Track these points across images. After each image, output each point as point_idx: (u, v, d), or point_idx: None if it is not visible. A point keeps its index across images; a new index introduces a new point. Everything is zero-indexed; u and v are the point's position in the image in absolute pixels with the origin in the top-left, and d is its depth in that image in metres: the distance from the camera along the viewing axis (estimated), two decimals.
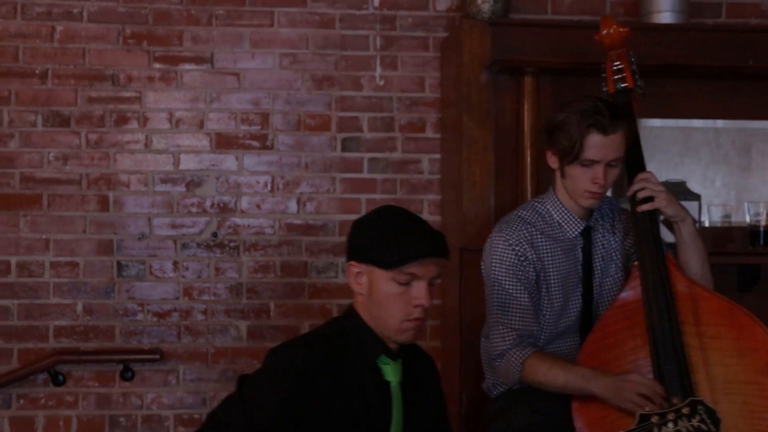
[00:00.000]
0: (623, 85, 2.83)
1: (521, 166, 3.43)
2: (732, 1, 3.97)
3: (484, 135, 3.49)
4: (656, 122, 3.73)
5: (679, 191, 3.41)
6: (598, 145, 2.59)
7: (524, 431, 2.70)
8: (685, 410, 2.12)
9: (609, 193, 2.94)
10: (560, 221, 2.73)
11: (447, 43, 3.84)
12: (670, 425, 2.09)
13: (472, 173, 3.50)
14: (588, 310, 2.75)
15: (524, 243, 2.67)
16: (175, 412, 3.83)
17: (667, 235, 2.80)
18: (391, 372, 2.24)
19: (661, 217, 2.70)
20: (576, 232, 2.73)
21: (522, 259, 2.66)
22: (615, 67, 2.86)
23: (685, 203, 2.79)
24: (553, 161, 2.70)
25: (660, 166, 3.59)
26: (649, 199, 2.65)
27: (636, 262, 2.66)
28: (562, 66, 3.42)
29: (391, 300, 2.17)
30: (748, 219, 3.46)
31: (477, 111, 3.49)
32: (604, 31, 2.87)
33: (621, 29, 2.86)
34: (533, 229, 2.71)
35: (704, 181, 3.73)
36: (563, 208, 2.73)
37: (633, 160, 2.71)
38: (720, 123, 3.69)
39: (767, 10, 3.96)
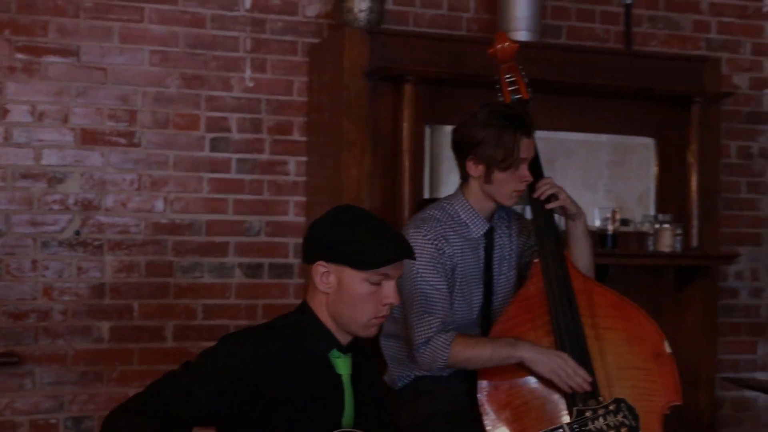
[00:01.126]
0: (518, 96, 3.05)
1: (399, 170, 3.58)
2: (572, 24, 4.33)
3: (363, 139, 3.62)
4: None
5: None
6: (525, 146, 2.81)
7: (429, 420, 2.86)
8: (612, 407, 2.35)
9: None
10: (467, 221, 2.91)
11: (318, 49, 3.94)
12: (601, 420, 2.32)
13: (349, 176, 3.61)
14: (488, 305, 2.94)
15: (440, 238, 2.83)
16: (30, 417, 3.67)
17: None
18: (342, 365, 2.30)
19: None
20: (481, 232, 2.92)
21: (441, 252, 2.81)
22: (508, 80, 3.08)
23: None
24: (476, 170, 2.86)
25: None
26: (553, 198, 2.88)
27: (536, 260, 2.88)
28: (440, 75, 3.61)
29: (363, 299, 2.23)
30: (597, 223, 3.80)
31: (356, 116, 3.61)
32: (499, 45, 3.08)
33: (513, 44, 3.08)
34: (446, 226, 2.87)
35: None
36: (471, 210, 2.91)
37: (535, 165, 2.93)
38: (571, 135, 3.98)
39: (602, 34, 4.35)
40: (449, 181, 3.68)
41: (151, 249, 3.82)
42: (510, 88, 3.07)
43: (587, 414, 2.31)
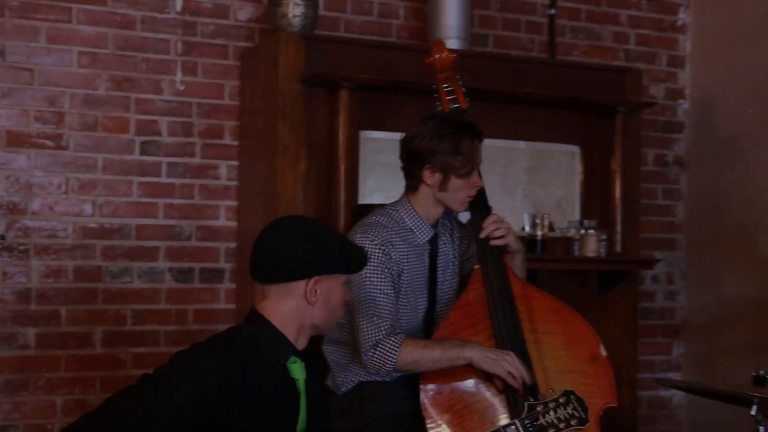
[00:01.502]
0: (456, 105, 3.11)
1: (334, 176, 3.60)
2: (498, 33, 4.42)
3: (298, 144, 3.63)
4: None
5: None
6: (478, 151, 2.88)
7: (372, 424, 2.89)
8: (561, 400, 2.42)
9: None
10: (413, 228, 2.95)
11: (250, 53, 3.93)
12: (551, 413, 2.38)
13: (285, 181, 3.62)
14: (431, 311, 2.99)
15: (387, 243, 2.86)
16: None
17: None
18: (298, 370, 2.33)
19: None
20: (426, 239, 2.97)
21: (388, 257, 2.85)
22: (446, 89, 3.13)
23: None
24: (433, 178, 2.90)
25: None
26: (500, 237, 2.95)
27: (477, 267, 2.94)
28: (376, 82, 3.65)
29: (342, 302, 2.36)
30: (527, 229, 3.89)
31: (291, 121, 3.62)
32: (437, 55, 3.13)
33: (451, 54, 3.14)
34: (392, 232, 2.91)
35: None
36: (417, 216, 2.95)
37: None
38: (500, 142, 4.06)
39: (527, 43, 4.46)
40: (383, 187, 3.73)
41: (80, 253, 3.75)
42: (448, 98, 3.13)
43: (538, 408, 2.38)
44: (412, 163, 2.93)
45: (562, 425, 2.39)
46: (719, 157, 4.52)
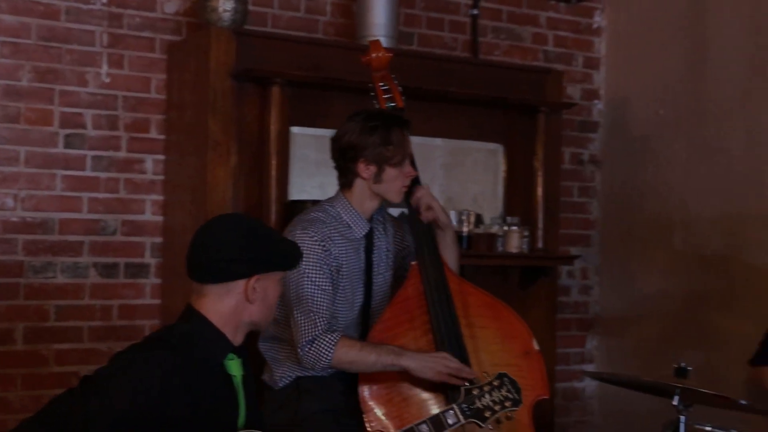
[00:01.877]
0: (392, 104, 3.16)
1: (265, 171, 3.60)
2: (422, 31, 4.48)
3: (228, 139, 3.62)
4: None
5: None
6: (408, 141, 2.96)
7: (310, 419, 2.92)
8: (495, 383, 2.49)
9: None
10: (350, 223, 2.99)
11: (178, 47, 3.90)
12: (487, 396, 2.46)
13: (215, 176, 3.61)
14: (367, 305, 3.04)
15: (327, 239, 2.90)
16: None
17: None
18: (235, 367, 2.33)
19: None
20: (362, 233, 3.01)
21: (327, 253, 2.88)
22: (382, 87, 3.17)
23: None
24: (368, 171, 2.94)
25: None
26: (428, 208, 3.01)
27: (414, 262, 3.00)
28: (307, 79, 3.66)
29: (278, 298, 2.35)
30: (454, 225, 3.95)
31: (222, 116, 3.61)
32: (373, 54, 3.18)
33: (387, 53, 3.18)
34: (330, 228, 2.94)
35: None
36: (353, 211, 2.99)
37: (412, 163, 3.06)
38: (418, 139, 4.11)
39: (450, 42, 4.53)
40: (314, 184, 3.75)
41: (0, 248, 3.66)
42: (385, 96, 3.17)
43: (474, 392, 2.44)
44: (346, 160, 2.97)
45: (497, 407, 2.48)
46: (632, 157, 4.69)
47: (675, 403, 2.95)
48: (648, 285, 4.56)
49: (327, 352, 2.81)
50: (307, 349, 2.82)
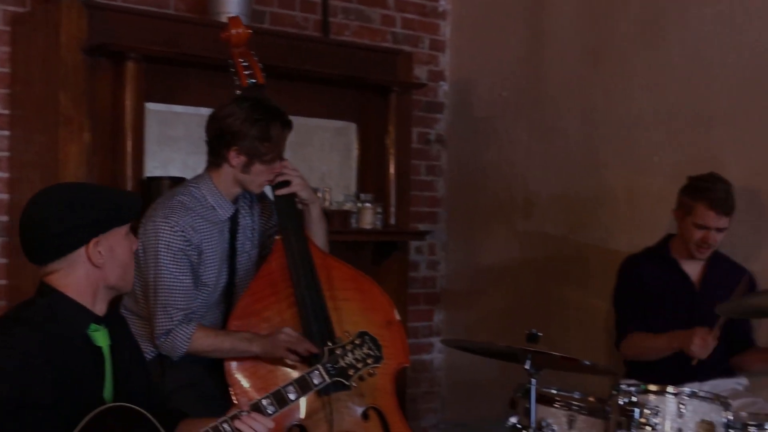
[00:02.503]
0: (253, 81, 3.17)
1: (120, 148, 3.55)
2: (274, 10, 4.49)
3: (81, 115, 3.54)
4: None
5: None
6: (285, 140, 2.96)
7: (175, 394, 2.92)
8: (357, 341, 2.56)
9: None
10: (215, 205, 2.99)
11: (23, 19, 3.77)
12: (350, 355, 2.52)
13: (67, 153, 3.52)
14: (231, 283, 3.06)
15: (189, 229, 2.89)
16: None
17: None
18: (101, 338, 2.31)
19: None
20: (227, 215, 3.03)
21: (187, 244, 2.88)
22: (243, 64, 3.18)
23: None
24: (237, 160, 2.95)
25: None
26: (287, 183, 3.05)
27: (278, 237, 3.04)
28: (163, 54, 3.62)
29: (130, 253, 2.32)
30: None
31: (74, 91, 3.52)
32: (233, 31, 3.18)
33: (247, 30, 3.19)
34: (194, 213, 2.94)
35: None
36: (218, 194, 3.00)
37: None
38: None
39: (301, 21, 4.57)
40: (170, 161, 3.73)
41: None
42: (246, 72, 3.18)
43: (337, 351, 2.51)
44: (219, 142, 2.97)
45: (360, 364, 2.54)
46: (476, 137, 4.87)
47: (527, 367, 3.12)
48: (491, 260, 4.76)
49: (182, 344, 2.87)
50: (162, 339, 2.87)
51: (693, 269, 3.67)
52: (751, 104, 3.80)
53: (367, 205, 4.16)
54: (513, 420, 3.35)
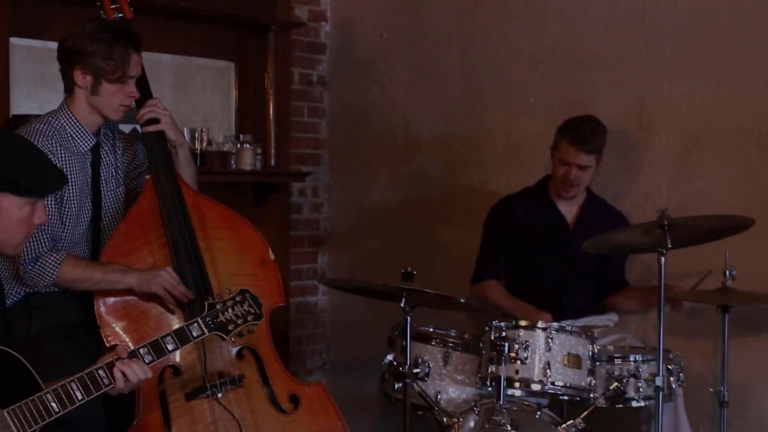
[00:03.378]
0: (120, 15, 3.08)
1: None
2: None
3: None
4: None
5: None
6: (135, 62, 2.91)
7: (43, 336, 2.86)
8: (238, 298, 2.56)
9: None
10: (73, 135, 2.92)
11: None
12: (230, 310, 2.52)
13: None
14: (97, 221, 2.99)
15: (48, 154, 2.75)
16: None
17: None
18: None
19: None
20: (87, 147, 2.95)
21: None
22: None
23: None
24: (84, 81, 2.87)
25: None
26: (155, 121, 2.99)
27: (148, 177, 2.98)
28: None
29: (21, 222, 2.28)
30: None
31: None
32: None
33: None
34: (53, 141, 2.86)
35: None
36: (76, 123, 2.92)
37: (143, 86, 3.01)
38: (146, 55, 4.03)
39: None
40: (38, 98, 3.61)
41: None
42: (112, 6, 3.10)
43: (218, 306, 2.51)
44: (65, 63, 2.91)
45: (240, 321, 2.55)
46: (358, 78, 4.85)
47: (402, 305, 3.17)
48: (374, 202, 4.78)
49: (51, 271, 2.79)
50: (30, 267, 2.78)
51: (569, 210, 3.76)
52: (623, 48, 3.88)
53: (247, 146, 4.12)
54: (389, 357, 3.41)
